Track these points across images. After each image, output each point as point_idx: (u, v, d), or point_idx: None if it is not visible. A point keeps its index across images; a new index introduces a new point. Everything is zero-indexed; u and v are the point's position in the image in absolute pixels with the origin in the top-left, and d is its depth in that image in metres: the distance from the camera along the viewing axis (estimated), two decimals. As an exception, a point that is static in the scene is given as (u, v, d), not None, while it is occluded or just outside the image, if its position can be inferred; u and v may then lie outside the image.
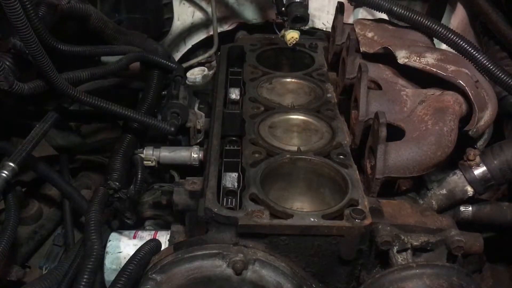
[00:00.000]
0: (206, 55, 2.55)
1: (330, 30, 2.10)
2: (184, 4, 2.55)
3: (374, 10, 1.82)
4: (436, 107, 1.53)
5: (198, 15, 2.60)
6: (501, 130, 1.77)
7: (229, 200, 1.46)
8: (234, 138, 1.68)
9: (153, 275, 1.29)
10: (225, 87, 1.93)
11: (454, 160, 1.55)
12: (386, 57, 1.72)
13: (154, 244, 1.40)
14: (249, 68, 2.00)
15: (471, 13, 2.16)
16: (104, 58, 2.20)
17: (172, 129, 1.85)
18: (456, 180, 1.53)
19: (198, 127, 2.00)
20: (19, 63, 1.56)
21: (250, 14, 2.61)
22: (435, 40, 1.84)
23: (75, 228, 2.07)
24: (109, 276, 1.57)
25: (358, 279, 1.44)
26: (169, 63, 2.20)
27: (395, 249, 1.36)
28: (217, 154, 1.58)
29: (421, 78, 1.65)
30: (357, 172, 1.51)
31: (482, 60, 1.63)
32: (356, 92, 1.61)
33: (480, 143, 1.70)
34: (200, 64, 2.52)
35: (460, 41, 1.65)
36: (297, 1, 1.92)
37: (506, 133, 1.76)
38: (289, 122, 1.74)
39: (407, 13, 1.74)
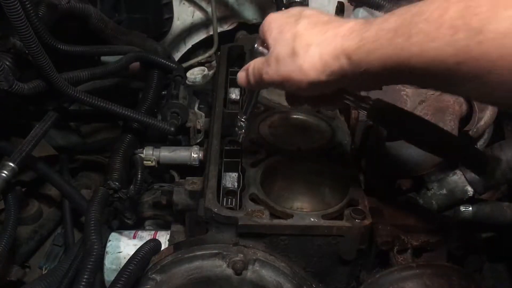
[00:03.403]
0: (206, 55, 2.54)
1: (330, 30, 2.09)
2: (184, 4, 2.55)
3: (374, 10, 1.82)
4: (436, 107, 1.53)
5: (198, 15, 2.59)
6: (501, 130, 1.77)
7: (229, 200, 1.45)
8: (234, 138, 1.67)
9: (153, 275, 1.29)
10: (225, 87, 1.92)
11: (454, 160, 1.54)
12: (386, 57, 1.71)
13: (154, 244, 1.39)
14: (249, 68, 1.99)
15: (471, 13, 2.15)
16: (104, 58, 2.20)
17: (172, 129, 1.85)
18: (456, 180, 1.52)
19: (198, 127, 1.99)
20: (19, 63, 1.56)
21: (250, 14, 2.61)
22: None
23: (75, 228, 2.06)
24: (109, 276, 1.57)
25: (358, 279, 1.44)
26: (169, 63, 2.19)
27: (395, 249, 1.36)
28: (217, 154, 1.58)
29: (421, 78, 1.65)
30: (357, 172, 1.51)
31: (482, 60, 1.62)
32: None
33: (480, 143, 1.70)
34: (200, 64, 2.52)
35: (460, 41, 1.65)
36: (297, 1, 1.91)
37: (506, 133, 1.76)
38: (289, 122, 1.74)
39: (407, 13, 1.74)
